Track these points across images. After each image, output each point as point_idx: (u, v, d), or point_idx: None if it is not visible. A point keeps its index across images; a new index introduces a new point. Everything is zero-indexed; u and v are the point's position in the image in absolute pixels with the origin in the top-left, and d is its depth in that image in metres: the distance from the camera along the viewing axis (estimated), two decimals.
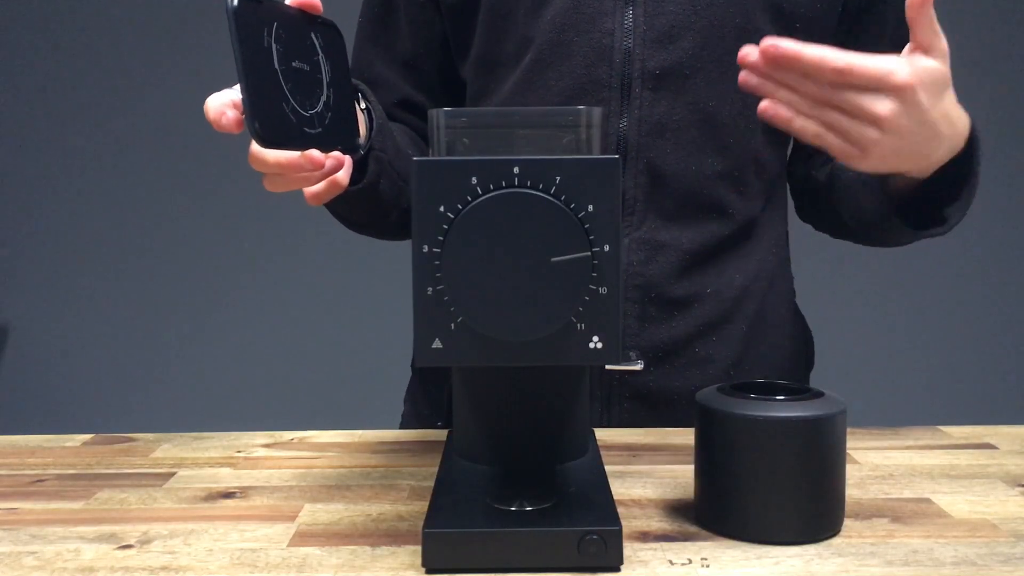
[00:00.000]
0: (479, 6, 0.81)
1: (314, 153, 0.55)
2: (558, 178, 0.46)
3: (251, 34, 0.49)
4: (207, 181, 2.41)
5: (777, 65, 0.56)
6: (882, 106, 0.57)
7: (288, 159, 0.55)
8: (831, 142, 0.60)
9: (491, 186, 0.46)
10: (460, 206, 0.46)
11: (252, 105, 0.49)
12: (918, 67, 0.57)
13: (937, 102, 0.60)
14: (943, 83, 0.60)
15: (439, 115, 0.51)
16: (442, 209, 0.46)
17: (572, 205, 0.46)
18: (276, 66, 0.51)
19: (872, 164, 0.61)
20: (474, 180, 0.46)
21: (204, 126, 0.54)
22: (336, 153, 0.57)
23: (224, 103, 0.54)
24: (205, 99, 0.54)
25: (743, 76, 0.58)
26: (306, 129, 0.54)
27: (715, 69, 0.77)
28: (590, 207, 0.46)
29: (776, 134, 0.82)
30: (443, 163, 0.46)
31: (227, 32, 0.48)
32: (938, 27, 0.58)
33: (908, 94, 0.57)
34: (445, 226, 0.46)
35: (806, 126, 0.59)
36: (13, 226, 2.51)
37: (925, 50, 0.58)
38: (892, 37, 0.84)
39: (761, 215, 0.84)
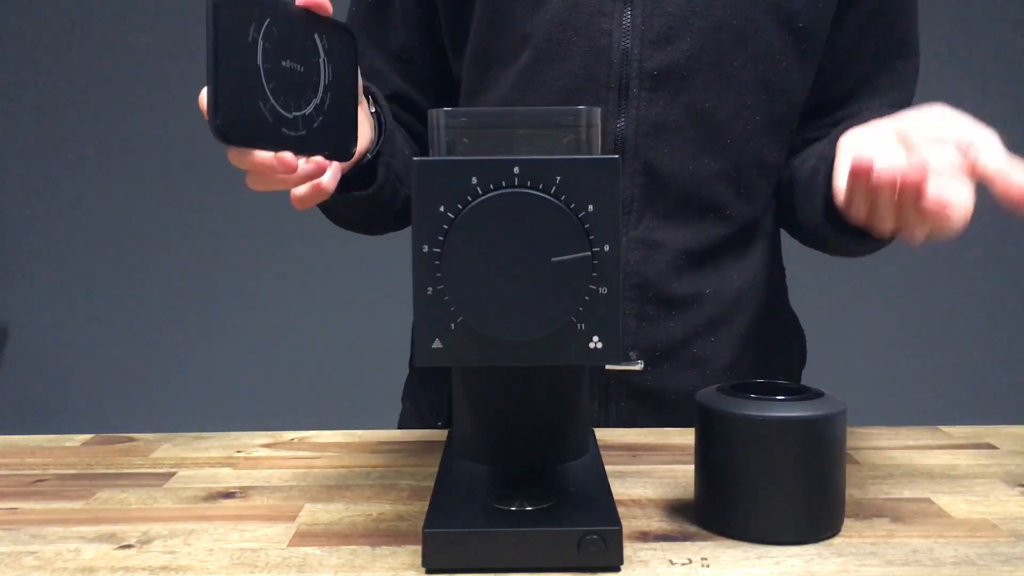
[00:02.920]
0: (476, 0, 0.80)
1: (286, 155, 0.53)
2: (558, 178, 0.46)
3: (233, 26, 0.48)
4: (206, 181, 2.41)
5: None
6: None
7: (261, 159, 0.53)
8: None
9: (491, 186, 0.46)
10: (460, 206, 0.46)
11: (216, 98, 0.48)
12: None
13: None
14: None
15: (439, 115, 0.51)
16: (442, 209, 0.46)
17: (572, 205, 0.46)
18: (259, 63, 0.50)
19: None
20: (474, 180, 0.46)
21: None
22: (318, 158, 0.56)
23: None
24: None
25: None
26: (285, 130, 0.52)
27: (712, 70, 0.77)
28: (590, 207, 0.46)
29: (780, 133, 0.82)
30: (443, 163, 0.46)
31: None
32: None
33: None
34: (445, 226, 0.46)
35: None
36: (13, 226, 2.51)
37: None
38: (882, 44, 0.84)
39: (763, 218, 0.84)
